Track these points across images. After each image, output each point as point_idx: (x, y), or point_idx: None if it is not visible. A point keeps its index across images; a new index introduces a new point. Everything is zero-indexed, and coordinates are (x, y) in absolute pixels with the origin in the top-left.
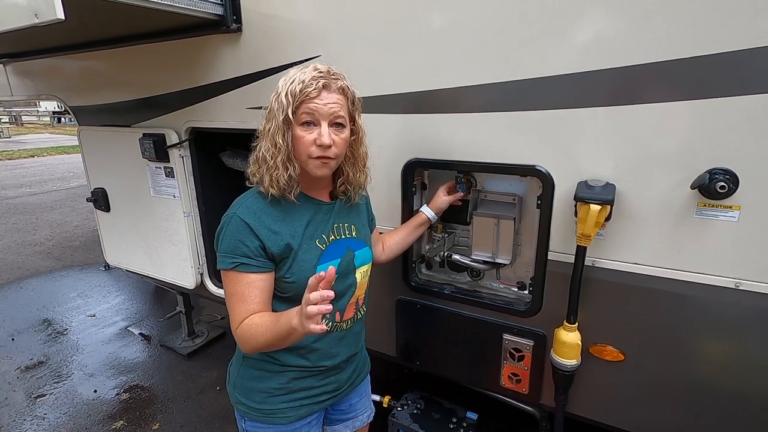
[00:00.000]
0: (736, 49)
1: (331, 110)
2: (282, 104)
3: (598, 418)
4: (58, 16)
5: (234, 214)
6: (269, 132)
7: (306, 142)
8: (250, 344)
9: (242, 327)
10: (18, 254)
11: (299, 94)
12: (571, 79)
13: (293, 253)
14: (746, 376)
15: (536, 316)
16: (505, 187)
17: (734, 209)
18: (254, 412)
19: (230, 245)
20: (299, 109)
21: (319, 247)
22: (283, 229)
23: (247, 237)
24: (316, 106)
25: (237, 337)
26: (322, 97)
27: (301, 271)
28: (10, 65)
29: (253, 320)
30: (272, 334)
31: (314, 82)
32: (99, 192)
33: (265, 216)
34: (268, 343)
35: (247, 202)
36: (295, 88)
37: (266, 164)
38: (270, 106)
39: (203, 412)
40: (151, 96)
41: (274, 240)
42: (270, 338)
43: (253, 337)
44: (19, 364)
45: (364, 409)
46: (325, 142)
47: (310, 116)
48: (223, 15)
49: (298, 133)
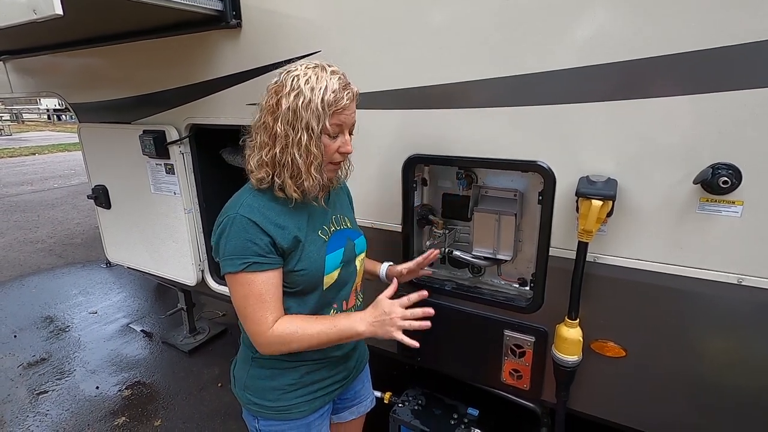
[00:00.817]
0: (738, 43)
1: (353, 120)
2: (318, 113)
3: (599, 414)
4: (57, 11)
5: (237, 213)
6: (301, 141)
7: (331, 150)
8: (290, 347)
9: (279, 331)
10: (20, 251)
11: (334, 104)
12: (572, 73)
13: (301, 245)
14: (749, 372)
15: (537, 312)
16: (506, 183)
17: (737, 204)
18: (268, 410)
19: (238, 246)
20: (332, 119)
21: (322, 238)
22: (288, 223)
23: (256, 235)
24: (346, 118)
25: (270, 339)
26: (351, 108)
27: (310, 263)
28: (10, 62)
29: (294, 323)
30: (326, 338)
31: (345, 92)
32: (100, 189)
33: (269, 212)
34: (313, 346)
35: (247, 200)
36: (329, 98)
37: (289, 169)
38: (295, 111)
39: (205, 408)
40: (151, 92)
41: (282, 234)
42: (320, 342)
43: (297, 340)
44: (21, 360)
45: (367, 394)
46: (350, 150)
47: (339, 128)
48: (222, 11)
49: (325, 141)
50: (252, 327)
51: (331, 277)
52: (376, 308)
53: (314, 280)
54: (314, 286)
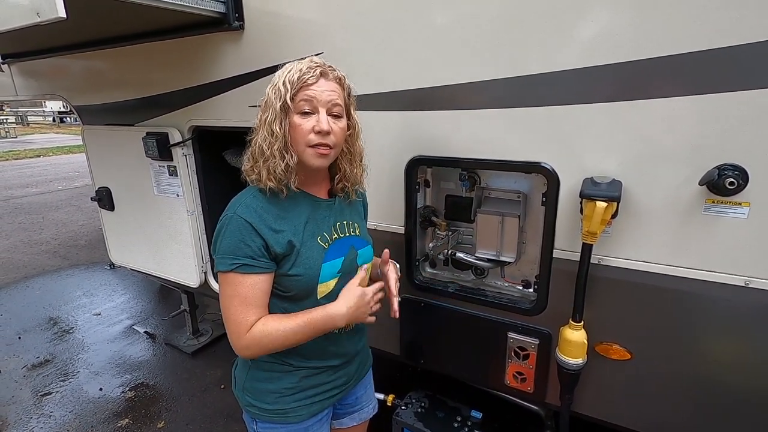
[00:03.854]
0: (744, 43)
1: (329, 97)
2: (279, 92)
3: (604, 417)
4: (60, 14)
5: (234, 213)
6: (266, 121)
7: (304, 130)
8: (266, 348)
9: (255, 333)
10: (24, 253)
11: (297, 81)
12: (576, 74)
13: (296, 250)
14: (756, 375)
15: (541, 314)
16: (510, 185)
17: (744, 206)
18: (266, 413)
19: (231, 246)
20: (297, 96)
21: (321, 245)
22: (284, 227)
23: (249, 237)
24: (314, 93)
25: (246, 342)
26: (320, 84)
27: (305, 269)
28: (14, 65)
29: (269, 325)
30: (302, 334)
31: (311, 70)
32: (103, 191)
33: (266, 214)
34: (291, 344)
35: (246, 201)
36: (292, 76)
37: (263, 156)
38: (266, 97)
39: (208, 410)
40: (154, 95)
41: (277, 239)
42: (297, 338)
43: (271, 340)
44: (25, 362)
45: (369, 401)
46: (324, 127)
47: (308, 104)
48: (225, 13)
49: (296, 121)
50: (231, 327)
51: (327, 286)
52: (353, 295)
53: (308, 287)
54: (307, 293)
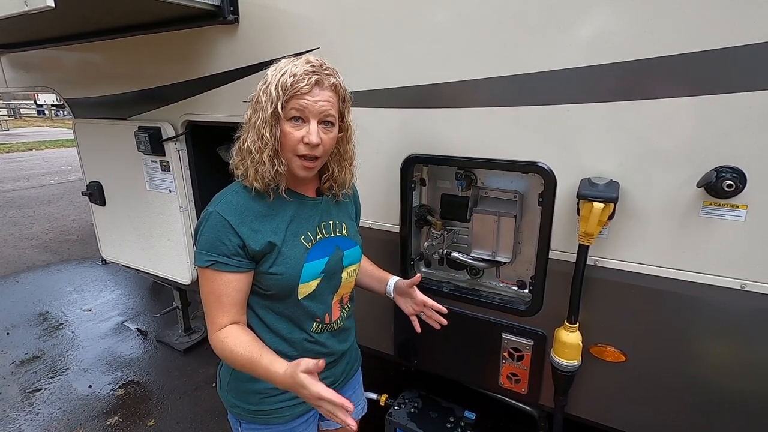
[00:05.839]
0: (744, 44)
1: (322, 108)
2: (271, 97)
3: (597, 419)
4: (48, 3)
5: (214, 210)
6: (256, 124)
7: (293, 139)
8: (225, 359)
9: (217, 342)
10: (14, 248)
11: (290, 88)
12: (574, 73)
13: (276, 249)
14: (751, 378)
15: (536, 315)
16: (506, 184)
17: (741, 208)
18: (250, 414)
19: (208, 242)
20: (288, 103)
21: (304, 244)
22: (264, 227)
23: (226, 235)
24: (306, 103)
25: (213, 343)
26: (314, 93)
27: (286, 268)
28: (4, 56)
29: (228, 342)
30: (249, 369)
31: (306, 77)
32: (94, 186)
33: (248, 213)
34: (239, 369)
35: (228, 197)
36: (285, 81)
37: (251, 157)
38: (257, 95)
39: (199, 408)
40: (147, 88)
41: (255, 238)
42: (246, 370)
43: (226, 358)
44: (13, 358)
45: (357, 401)
46: (313, 141)
47: (299, 112)
48: (219, 5)
49: (286, 128)
50: (207, 322)
51: (308, 287)
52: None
53: (288, 286)
54: (287, 293)
